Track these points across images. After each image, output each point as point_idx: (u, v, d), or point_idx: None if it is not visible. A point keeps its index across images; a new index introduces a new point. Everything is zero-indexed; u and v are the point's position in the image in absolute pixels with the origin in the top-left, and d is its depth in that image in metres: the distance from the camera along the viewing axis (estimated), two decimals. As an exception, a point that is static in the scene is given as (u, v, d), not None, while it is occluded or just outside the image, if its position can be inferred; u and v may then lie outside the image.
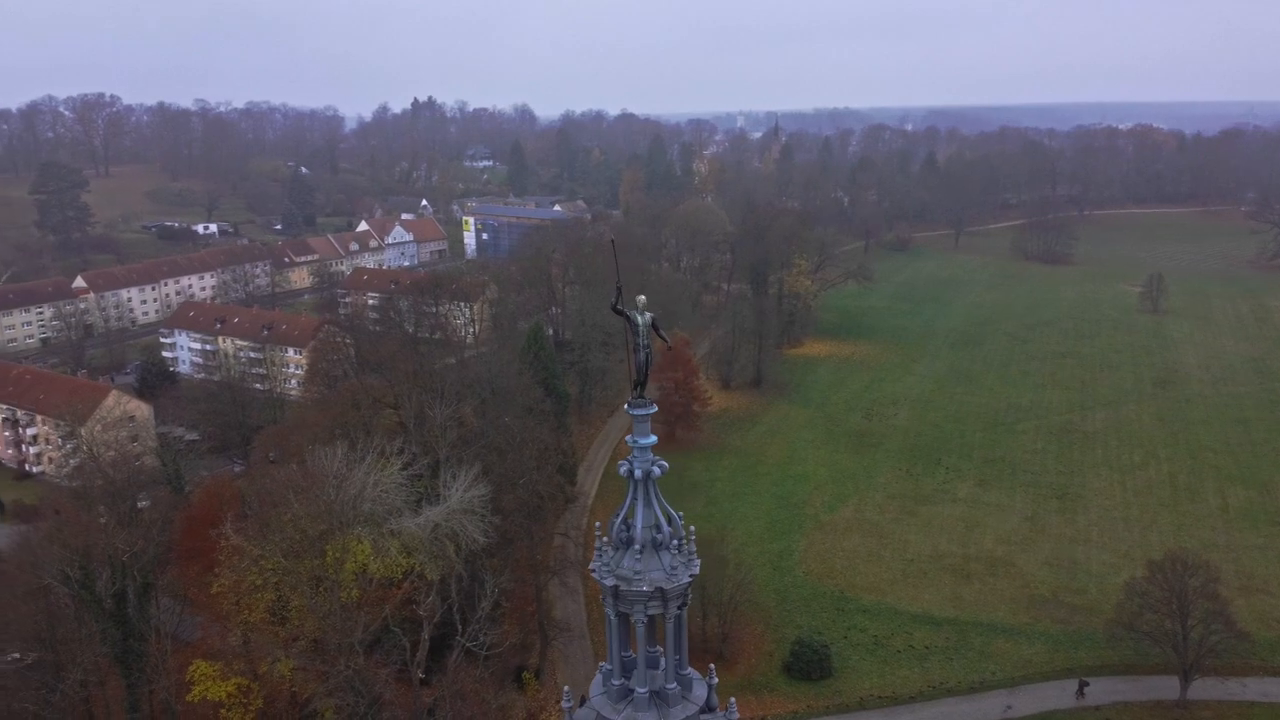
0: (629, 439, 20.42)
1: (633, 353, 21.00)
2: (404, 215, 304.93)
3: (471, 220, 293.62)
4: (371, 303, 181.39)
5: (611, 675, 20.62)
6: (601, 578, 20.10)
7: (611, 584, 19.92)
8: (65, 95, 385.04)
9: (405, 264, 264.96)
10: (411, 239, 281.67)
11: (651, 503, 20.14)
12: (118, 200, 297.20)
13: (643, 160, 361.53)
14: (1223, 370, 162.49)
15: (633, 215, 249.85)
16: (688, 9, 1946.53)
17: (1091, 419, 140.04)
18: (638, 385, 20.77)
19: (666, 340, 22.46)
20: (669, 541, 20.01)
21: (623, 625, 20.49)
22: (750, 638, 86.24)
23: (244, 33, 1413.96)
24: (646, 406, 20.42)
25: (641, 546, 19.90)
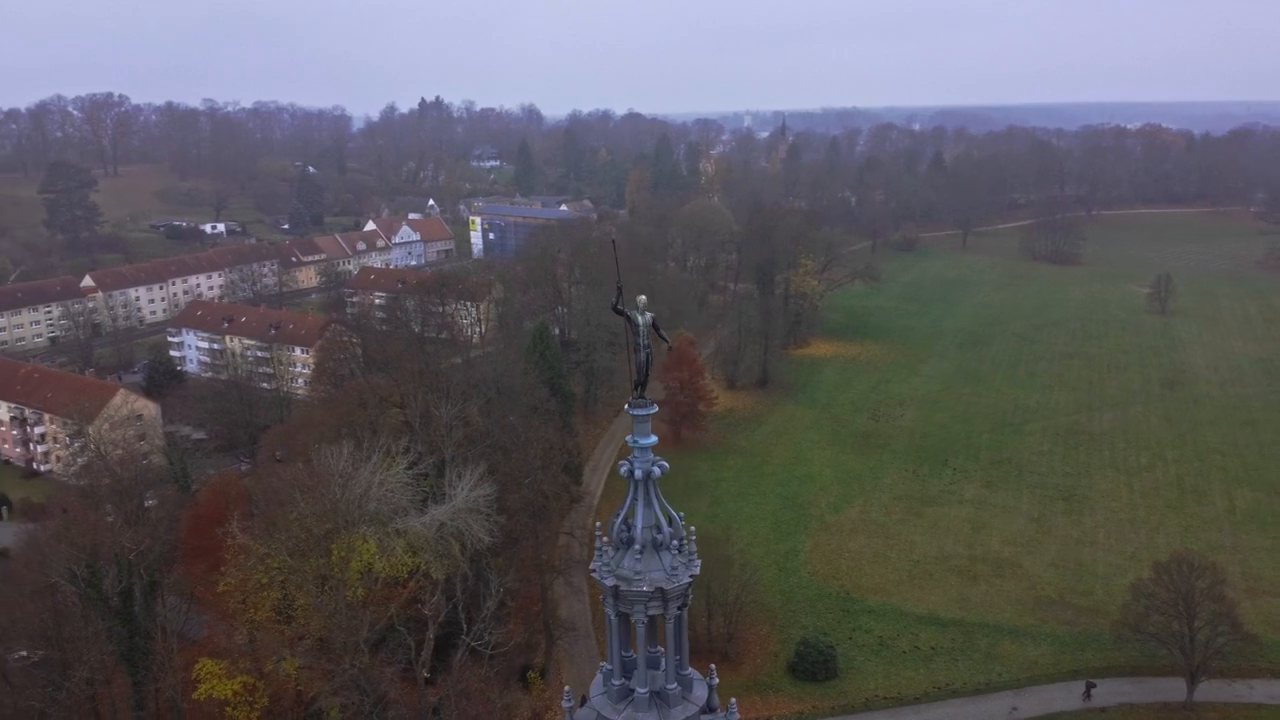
0: (629, 439, 20.44)
1: (633, 353, 21.02)
2: (411, 215, 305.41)
3: (478, 220, 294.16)
4: (378, 302, 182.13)
5: (612, 675, 20.63)
6: (602, 578, 20.11)
7: (612, 584, 19.93)
8: (74, 95, 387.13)
9: (412, 263, 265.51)
10: (418, 239, 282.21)
11: (652, 503, 20.14)
12: (126, 200, 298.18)
13: (649, 160, 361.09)
14: (1231, 371, 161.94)
15: (639, 215, 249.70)
16: (695, 9, 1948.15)
17: (1099, 420, 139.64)
18: (638, 385, 20.82)
19: (667, 340, 22.49)
20: (669, 542, 20.01)
21: (623, 625, 20.50)
22: (756, 638, 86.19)
23: (244, 33, 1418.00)
24: (647, 407, 20.43)
25: (642, 547, 19.90)
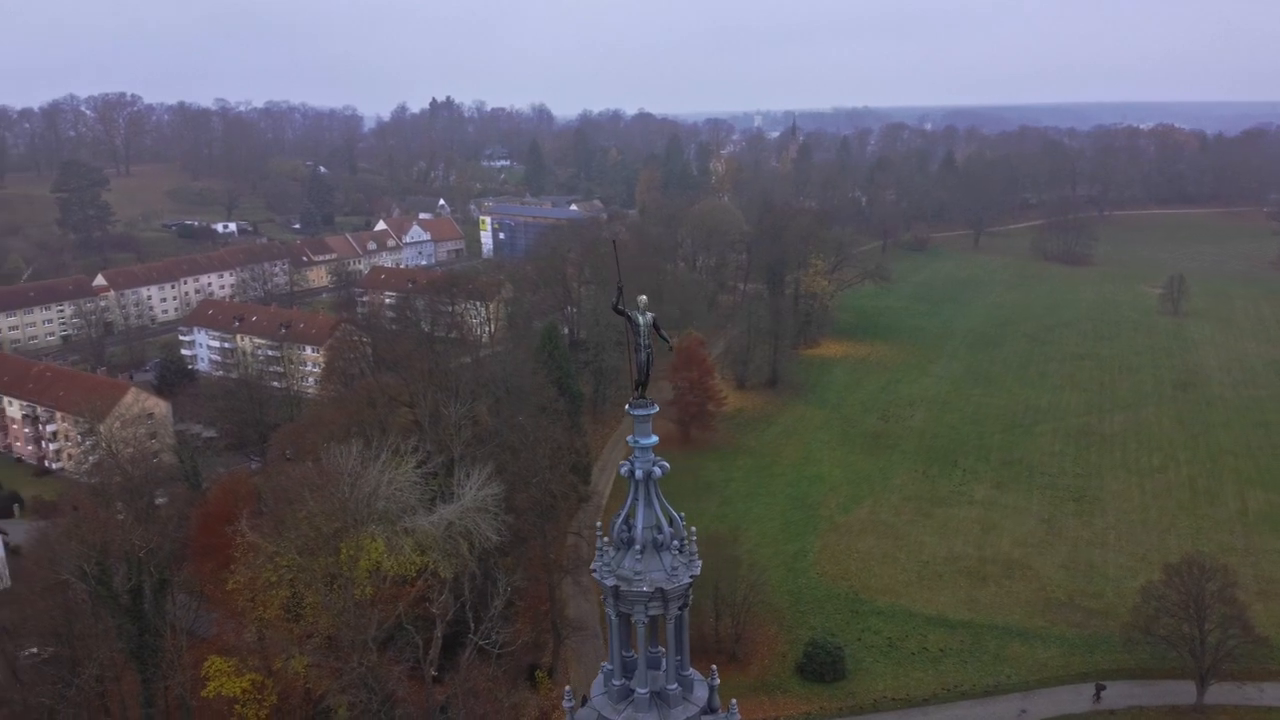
0: (630, 439, 20.39)
1: (633, 353, 20.99)
2: (421, 215, 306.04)
3: (488, 220, 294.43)
4: (389, 302, 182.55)
5: (613, 675, 20.61)
6: (602, 578, 20.10)
7: (612, 584, 19.91)
8: (87, 95, 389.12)
9: (422, 263, 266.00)
10: (429, 238, 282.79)
11: (652, 503, 20.10)
12: (138, 199, 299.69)
13: (660, 160, 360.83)
14: (1244, 373, 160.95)
15: (649, 215, 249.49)
16: (704, 8, 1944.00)
17: (1110, 421, 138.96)
18: (639, 385, 20.78)
19: (668, 340, 22.43)
20: (670, 542, 19.97)
21: (624, 625, 20.48)
22: (764, 638, 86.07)
23: (256, 34, 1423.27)
24: (647, 407, 20.39)
25: (642, 547, 19.86)
